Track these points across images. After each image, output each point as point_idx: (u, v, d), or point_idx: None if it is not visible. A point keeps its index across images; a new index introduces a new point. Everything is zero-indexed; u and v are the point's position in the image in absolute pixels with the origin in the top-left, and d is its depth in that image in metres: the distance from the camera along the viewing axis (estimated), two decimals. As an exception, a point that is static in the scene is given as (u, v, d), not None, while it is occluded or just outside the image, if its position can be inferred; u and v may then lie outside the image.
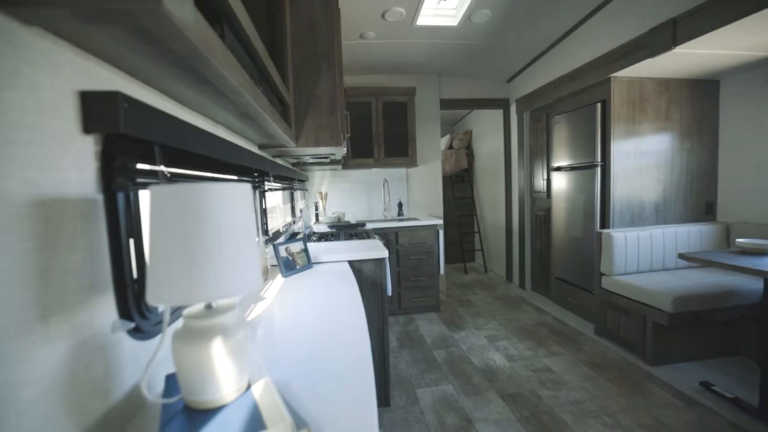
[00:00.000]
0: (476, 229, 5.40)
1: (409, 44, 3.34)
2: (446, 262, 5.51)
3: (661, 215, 2.92)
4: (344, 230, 3.01)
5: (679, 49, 2.27)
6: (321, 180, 4.03)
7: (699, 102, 2.95)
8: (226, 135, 1.31)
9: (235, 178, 1.40)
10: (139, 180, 0.66)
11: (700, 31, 2.08)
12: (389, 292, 2.52)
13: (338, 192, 4.06)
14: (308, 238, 2.63)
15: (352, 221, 3.67)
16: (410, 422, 1.92)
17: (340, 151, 2.15)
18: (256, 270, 0.55)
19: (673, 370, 2.30)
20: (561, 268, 3.45)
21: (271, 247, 1.69)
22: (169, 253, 0.47)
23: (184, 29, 0.48)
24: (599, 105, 2.90)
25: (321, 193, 3.87)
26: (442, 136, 5.93)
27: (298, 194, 3.30)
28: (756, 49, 2.34)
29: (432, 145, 4.19)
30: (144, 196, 0.70)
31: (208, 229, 0.48)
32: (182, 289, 0.47)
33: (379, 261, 1.99)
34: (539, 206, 3.84)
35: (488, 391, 2.17)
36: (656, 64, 2.56)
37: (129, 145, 0.63)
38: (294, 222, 2.86)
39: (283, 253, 1.65)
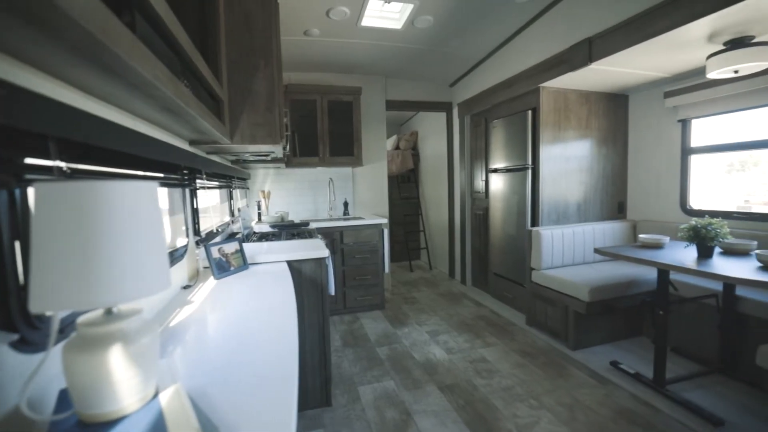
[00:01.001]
0: (422, 228, 5.56)
1: (354, 44, 3.34)
2: (392, 260, 5.60)
3: (582, 214, 3.23)
4: (286, 230, 2.94)
5: (594, 65, 2.52)
6: (264, 178, 3.90)
7: (613, 113, 3.30)
8: (147, 130, 1.22)
9: (160, 175, 1.31)
10: (31, 176, 0.60)
11: (610, 50, 2.33)
12: (332, 292, 2.51)
13: (282, 191, 3.96)
14: (247, 238, 2.54)
15: (297, 221, 3.60)
16: (351, 420, 1.94)
17: (280, 150, 2.10)
18: (164, 272, 0.53)
19: (590, 352, 2.56)
20: (498, 264, 3.68)
21: (203, 248, 1.61)
22: (56, 256, 0.43)
23: (76, 16, 0.44)
24: (530, 112, 3.14)
25: (264, 191, 3.74)
26: (389, 136, 6.03)
27: (237, 193, 3.16)
28: (653, 70, 2.67)
29: (378, 146, 4.24)
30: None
31: (103, 229, 0.45)
32: (71, 294, 0.43)
33: (320, 261, 1.98)
34: (478, 206, 4.06)
35: (428, 384, 2.25)
36: (577, 77, 2.82)
37: (15, 137, 0.57)
38: (232, 222, 2.74)
39: (215, 254, 1.58)
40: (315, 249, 2.00)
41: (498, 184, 3.63)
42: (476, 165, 4.08)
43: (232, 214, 2.84)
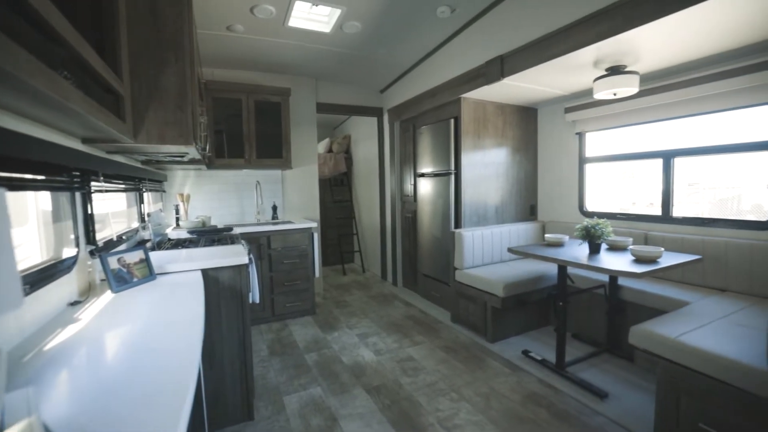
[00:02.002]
0: (355, 231, 5.59)
1: (282, 44, 3.26)
2: (325, 264, 5.54)
3: (500, 216, 3.51)
4: (206, 236, 2.76)
5: (506, 81, 2.77)
6: (183, 180, 3.61)
7: (525, 124, 3.65)
8: (28, 128, 1.06)
9: (42, 177, 1.15)
10: None
11: (519, 68, 2.58)
12: (257, 299, 2.41)
13: (204, 194, 3.70)
14: (159, 246, 2.33)
15: (220, 225, 3.39)
16: (275, 431, 1.88)
17: (194, 151, 1.97)
18: (12, 290, 0.46)
19: (506, 344, 2.78)
20: (426, 265, 3.84)
21: (98, 258, 1.44)
22: None
23: None
24: (452, 120, 3.33)
25: (182, 195, 3.46)
26: (322, 139, 5.97)
27: (149, 196, 2.89)
28: (555, 88, 3.01)
29: (309, 148, 4.18)
30: None
31: None
32: None
33: (239, 267, 1.89)
34: (408, 209, 4.19)
35: (355, 387, 2.26)
36: (493, 90, 3.07)
37: None
38: (143, 228, 2.49)
39: (114, 264, 1.42)
40: (234, 255, 1.91)
41: (425, 188, 3.79)
42: (405, 169, 4.22)
43: (142, 219, 2.59)
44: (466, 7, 2.77)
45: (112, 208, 2.07)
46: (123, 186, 2.08)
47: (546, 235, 2.71)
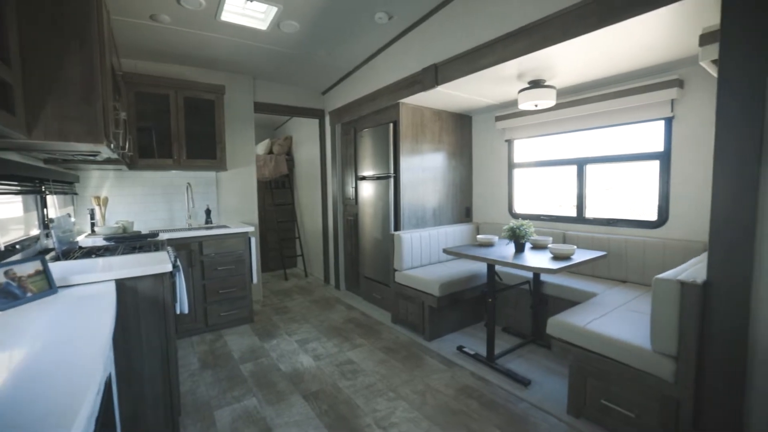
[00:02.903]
0: (297, 235, 5.46)
1: (215, 39, 3.09)
2: (266, 269, 5.35)
3: (437, 218, 3.66)
4: (126, 243, 2.52)
5: (441, 88, 2.89)
6: (100, 182, 3.27)
7: (460, 130, 3.84)
8: None
9: None
10: None
11: (451, 77, 2.71)
12: (185, 310, 2.26)
13: (126, 197, 3.38)
14: (66, 255, 2.08)
15: (144, 231, 3.12)
16: (203, 450, 1.76)
17: (108, 150, 1.79)
18: None
19: (442, 341, 2.89)
20: (368, 267, 3.87)
21: (-20, 271, 1.25)
22: None
23: None
24: (391, 125, 3.40)
25: (98, 198, 3.13)
26: (261, 140, 5.76)
27: (55, 200, 2.57)
28: (486, 97, 3.21)
29: (246, 149, 4.01)
30: None
31: None
32: None
33: (162, 276, 1.75)
34: (349, 212, 4.20)
35: (292, 395, 2.21)
36: (430, 97, 3.19)
37: None
38: (46, 236, 2.21)
39: (0, 278, 1.25)
40: (156, 263, 1.77)
41: (366, 191, 3.82)
42: (347, 172, 4.22)
43: (45, 226, 2.29)
44: (403, 15, 2.85)
45: (2, 214, 1.81)
46: (18, 188, 1.84)
47: (478, 236, 2.87)
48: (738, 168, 1.45)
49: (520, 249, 2.51)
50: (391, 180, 3.42)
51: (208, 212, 3.67)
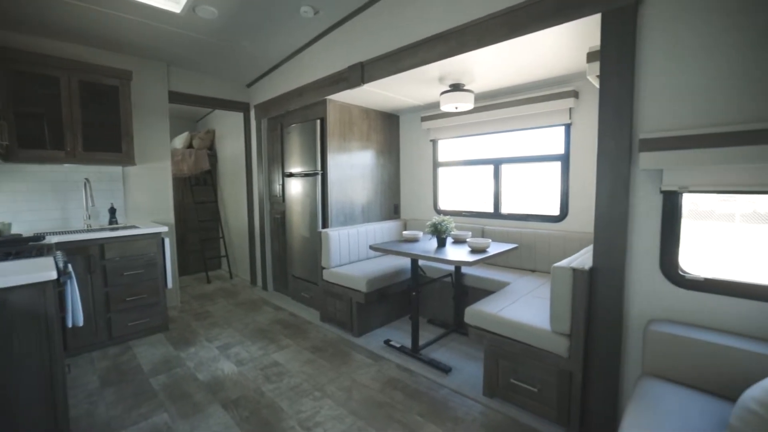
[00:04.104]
0: (221, 235, 5.12)
1: (119, 17, 2.75)
2: (185, 273, 4.94)
3: (366, 215, 3.69)
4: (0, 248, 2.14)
5: (367, 87, 2.91)
6: (-35, 176, 2.73)
7: (388, 129, 3.91)
8: None
9: None
10: None
11: (377, 76, 2.74)
12: (79, 322, 2.00)
13: (4, 195, 2.87)
14: None
15: (27, 233, 2.68)
16: (99, 477, 1.57)
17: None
18: None
19: (370, 336, 2.94)
20: (296, 266, 3.77)
21: None
22: None
23: None
24: (319, 121, 3.35)
25: (-38, 195, 2.61)
26: (180, 133, 5.30)
27: None
28: (411, 98, 3.32)
29: (160, 142, 3.64)
30: None
31: None
32: None
33: (43, 286, 1.52)
34: (277, 210, 4.05)
35: (210, 405, 2.07)
36: (357, 95, 3.20)
37: None
38: None
39: None
40: (35, 271, 1.52)
41: (294, 188, 3.72)
42: (274, 169, 4.06)
43: None
44: (330, 10, 2.82)
45: None
46: None
47: (404, 232, 2.96)
48: (614, 169, 1.68)
49: (441, 244, 2.63)
50: (319, 177, 3.37)
51: (112, 211, 3.27)
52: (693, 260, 1.65)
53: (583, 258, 1.92)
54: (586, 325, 1.75)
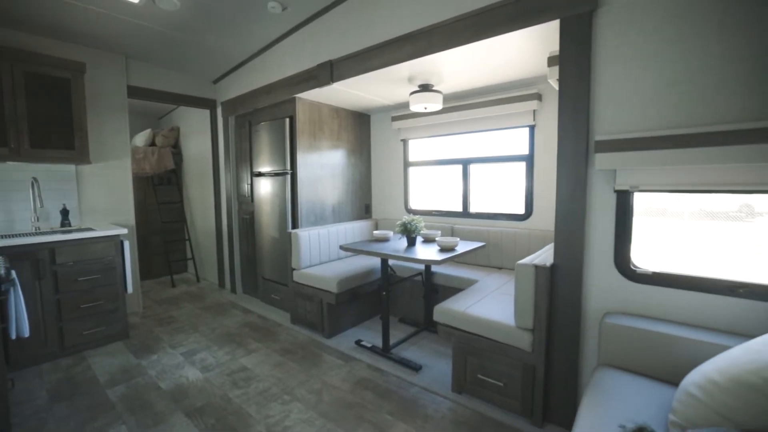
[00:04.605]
0: (187, 237, 4.93)
1: (72, 6, 2.58)
2: (149, 276, 4.72)
3: (337, 215, 3.66)
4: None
5: (336, 86, 2.89)
6: None
7: (359, 128, 3.90)
8: None
9: None
10: None
11: (346, 75, 2.73)
12: (24, 333, 1.88)
13: (-65, 195, 2.63)
14: None
15: (-34, 238, 2.47)
16: (48, 497, 1.47)
17: None
18: None
19: (342, 337, 2.92)
20: (266, 268, 3.69)
21: None
22: None
23: None
24: (288, 120, 3.29)
25: None
26: (142, 130, 5.06)
27: None
28: (382, 98, 3.32)
29: (118, 139, 3.46)
30: None
31: None
32: None
33: (-19, 294, 1.40)
34: (245, 210, 3.95)
35: (173, 414, 1.98)
36: (327, 93, 3.16)
37: None
38: None
39: None
40: (-29, 278, 1.41)
41: (263, 188, 3.64)
42: (242, 168, 3.95)
43: None
44: (298, 7, 2.77)
45: None
46: None
47: (374, 232, 2.96)
48: (573, 170, 1.76)
49: (411, 243, 2.65)
50: (289, 177, 3.31)
51: (64, 213, 3.08)
52: (646, 255, 1.75)
53: (545, 255, 1.99)
54: (548, 320, 1.82)
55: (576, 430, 1.17)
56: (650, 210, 2.22)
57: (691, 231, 2.26)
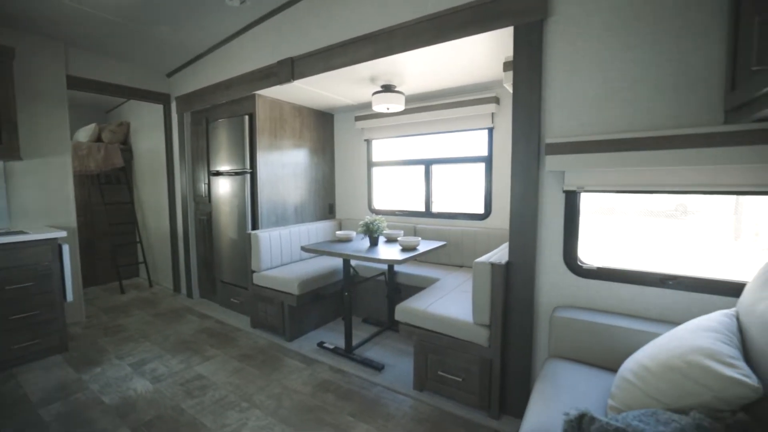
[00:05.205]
0: (138, 239, 4.63)
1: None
2: (94, 283, 4.39)
3: (300, 215, 3.60)
4: None
5: (297, 83, 2.84)
6: None
7: (322, 128, 3.85)
8: None
9: None
10: None
11: (307, 73, 2.68)
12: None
13: None
14: None
15: None
16: None
17: None
18: None
19: (304, 339, 2.86)
20: (224, 271, 3.54)
21: None
22: None
23: None
24: (247, 117, 3.18)
25: None
26: (87, 124, 4.69)
27: None
28: (345, 97, 3.30)
29: (56, 134, 3.18)
30: None
31: None
32: None
33: None
34: (202, 210, 3.77)
35: (117, 431, 1.85)
36: (289, 91, 3.09)
37: None
38: None
39: None
40: None
41: (221, 187, 3.49)
42: (199, 167, 3.78)
43: None
44: (257, 1, 2.69)
45: None
46: None
47: (337, 232, 2.94)
48: (526, 171, 1.83)
49: (374, 243, 2.66)
50: (248, 176, 3.20)
51: (-9, 214, 2.79)
52: (595, 252, 1.86)
53: (501, 253, 2.06)
54: (504, 316, 1.88)
55: (526, 420, 1.22)
56: (601, 209, 2.38)
57: (635, 228, 2.44)
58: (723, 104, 1.37)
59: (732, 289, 1.42)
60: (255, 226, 3.21)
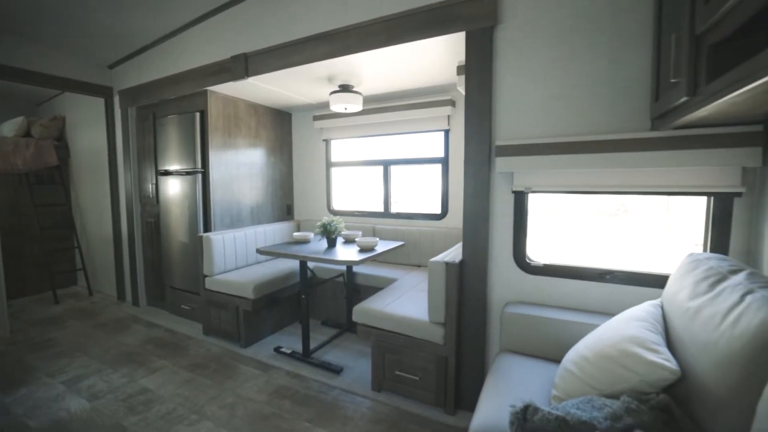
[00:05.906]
0: (76, 244, 4.26)
1: None
2: (23, 293, 3.99)
3: (256, 217, 3.48)
4: None
5: (252, 80, 2.74)
6: None
7: (280, 127, 3.75)
8: None
9: None
10: None
11: (262, 70, 2.60)
12: None
13: None
14: None
15: None
16: None
17: None
18: None
19: (260, 345, 2.77)
20: (175, 276, 3.35)
21: None
22: None
23: None
24: (198, 114, 3.03)
25: None
26: (13, 117, 4.24)
27: None
28: (302, 96, 3.24)
29: (-26, 128, 2.85)
30: None
31: None
32: None
33: None
34: (149, 212, 3.54)
35: (46, 453, 1.69)
36: (244, 88, 2.98)
37: None
38: None
39: None
40: None
41: (170, 188, 3.30)
42: (145, 166, 3.54)
43: None
44: (206, -8, 2.57)
45: None
46: None
47: (294, 233, 2.87)
48: (477, 172, 1.89)
49: (332, 244, 2.62)
50: (200, 176, 3.05)
51: None
52: (542, 249, 1.95)
53: (455, 252, 2.11)
54: (458, 314, 1.93)
55: (477, 414, 1.26)
56: (551, 209, 2.51)
57: (581, 227, 2.60)
58: (650, 112, 1.49)
59: (660, 282, 1.54)
60: (207, 228, 3.06)
